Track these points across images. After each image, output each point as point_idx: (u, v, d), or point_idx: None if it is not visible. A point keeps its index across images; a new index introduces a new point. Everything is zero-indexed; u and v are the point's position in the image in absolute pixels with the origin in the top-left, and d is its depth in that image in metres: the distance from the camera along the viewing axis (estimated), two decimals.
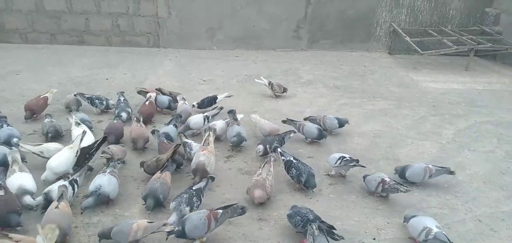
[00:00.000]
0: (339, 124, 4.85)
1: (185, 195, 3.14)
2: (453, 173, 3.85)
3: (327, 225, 2.92)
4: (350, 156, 3.88)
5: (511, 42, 8.44)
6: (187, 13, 8.66)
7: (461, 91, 6.89)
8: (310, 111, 5.66)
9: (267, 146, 4.09)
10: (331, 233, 2.88)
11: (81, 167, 3.59)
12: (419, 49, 8.04)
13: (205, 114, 4.78)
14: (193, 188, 3.25)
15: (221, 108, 5.02)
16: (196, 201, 3.15)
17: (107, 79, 6.66)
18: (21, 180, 3.22)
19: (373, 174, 3.71)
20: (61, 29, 8.55)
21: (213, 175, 3.49)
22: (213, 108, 5.11)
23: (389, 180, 3.53)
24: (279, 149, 3.90)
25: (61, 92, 5.76)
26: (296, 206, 3.15)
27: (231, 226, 3.16)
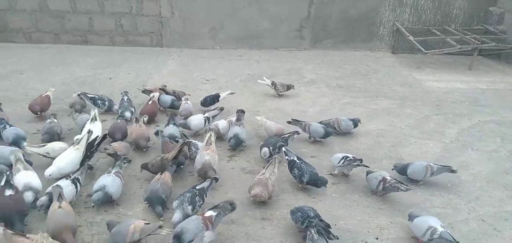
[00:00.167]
0: (354, 125, 4.84)
1: (188, 194, 3.15)
2: (454, 171, 3.84)
3: (324, 224, 2.92)
4: (353, 156, 3.89)
5: None
6: (190, 13, 8.67)
7: (465, 91, 6.86)
8: (313, 111, 5.67)
9: (270, 148, 4.05)
10: (328, 231, 2.88)
11: (82, 165, 3.60)
12: (422, 48, 8.02)
13: (206, 115, 4.77)
14: (197, 187, 3.26)
15: (222, 109, 5.00)
16: (198, 200, 3.15)
17: (110, 79, 6.68)
18: (26, 178, 3.23)
19: (375, 172, 3.71)
20: (65, 29, 8.58)
21: (217, 176, 3.50)
22: (215, 109, 5.10)
23: (390, 179, 3.52)
24: (284, 148, 3.90)
25: (65, 92, 5.81)
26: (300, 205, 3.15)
27: (234, 226, 3.17)
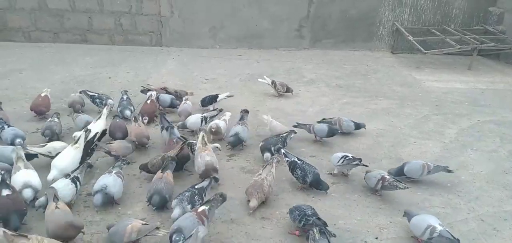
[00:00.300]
0: (356, 127, 4.85)
1: (187, 193, 3.15)
2: (451, 171, 3.84)
3: (322, 222, 2.92)
4: (352, 155, 3.89)
5: None
6: (189, 12, 8.67)
7: (464, 91, 6.87)
8: (312, 110, 5.67)
9: (272, 149, 4.06)
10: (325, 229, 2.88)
11: (82, 164, 3.59)
12: (422, 48, 8.02)
13: (204, 114, 4.75)
14: (196, 186, 3.26)
15: (220, 110, 4.95)
16: (198, 199, 3.15)
17: (110, 78, 6.67)
18: (26, 177, 3.23)
19: (374, 171, 3.72)
20: (64, 28, 8.57)
21: (217, 176, 3.50)
22: (214, 109, 5.09)
23: (388, 178, 3.55)
24: (283, 150, 3.90)
25: (65, 91, 5.80)
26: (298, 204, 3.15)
27: (233, 225, 3.17)
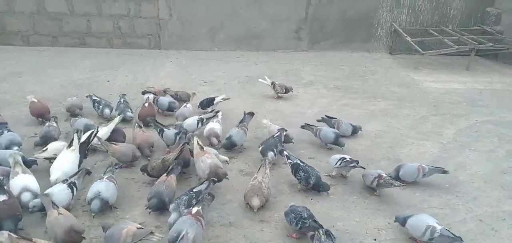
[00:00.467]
0: (353, 131, 4.85)
1: (184, 197, 3.16)
2: (446, 172, 3.85)
3: (318, 224, 2.93)
4: (350, 157, 3.90)
5: None
6: (188, 15, 8.67)
7: (462, 91, 6.89)
8: (311, 112, 5.68)
9: (274, 150, 4.05)
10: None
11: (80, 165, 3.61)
12: (420, 49, 8.05)
13: (200, 116, 4.72)
14: (194, 190, 3.26)
15: (217, 112, 4.90)
16: (195, 203, 3.15)
17: (108, 81, 6.67)
18: (24, 181, 3.23)
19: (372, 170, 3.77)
20: (63, 31, 8.57)
21: (214, 179, 3.50)
22: (211, 111, 5.07)
23: (385, 176, 3.59)
24: (285, 152, 3.90)
25: (63, 95, 5.80)
26: (293, 205, 3.15)
27: (232, 228, 3.17)
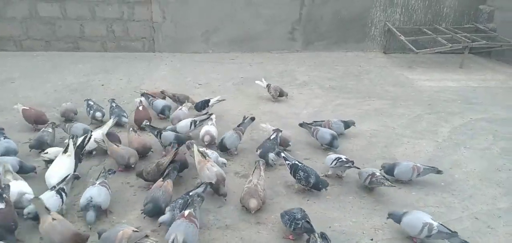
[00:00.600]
0: (345, 126, 4.84)
1: (180, 200, 3.14)
2: (440, 172, 3.87)
3: (310, 225, 2.94)
4: (346, 157, 3.91)
5: (505, 39, 8.49)
6: (181, 17, 8.66)
7: (456, 89, 6.92)
8: (306, 113, 5.68)
9: (274, 152, 4.06)
10: (312, 231, 2.90)
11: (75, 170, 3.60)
12: (414, 48, 8.09)
13: (193, 119, 4.71)
14: (190, 193, 3.25)
15: (210, 114, 4.87)
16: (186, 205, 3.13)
17: (103, 85, 6.64)
18: (19, 187, 3.24)
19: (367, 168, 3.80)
20: (56, 36, 8.53)
21: (211, 182, 3.48)
22: (205, 113, 5.05)
23: (378, 175, 3.61)
24: (282, 154, 3.90)
25: (57, 100, 5.77)
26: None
27: (229, 231, 3.16)
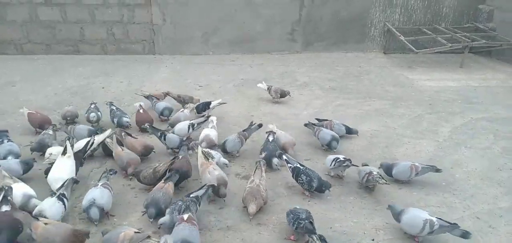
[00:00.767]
0: (347, 131, 4.84)
1: (180, 202, 3.14)
2: (439, 170, 3.86)
3: (313, 226, 2.93)
4: (344, 157, 3.93)
5: (505, 38, 8.49)
6: (181, 19, 8.67)
7: (457, 89, 6.92)
8: (306, 113, 5.68)
9: (277, 155, 4.06)
10: (313, 232, 2.90)
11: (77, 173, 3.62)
12: (413, 48, 8.09)
13: (191, 121, 4.71)
14: (191, 196, 3.25)
15: (208, 117, 4.87)
16: (192, 209, 3.13)
17: (103, 88, 6.65)
18: (21, 189, 3.26)
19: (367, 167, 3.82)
20: (56, 39, 8.55)
21: (213, 184, 3.48)
22: (202, 115, 5.04)
23: (375, 174, 3.62)
24: (284, 156, 3.90)
25: (58, 103, 5.78)
26: (296, 207, 3.16)
27: (230, 232, 3.17)
